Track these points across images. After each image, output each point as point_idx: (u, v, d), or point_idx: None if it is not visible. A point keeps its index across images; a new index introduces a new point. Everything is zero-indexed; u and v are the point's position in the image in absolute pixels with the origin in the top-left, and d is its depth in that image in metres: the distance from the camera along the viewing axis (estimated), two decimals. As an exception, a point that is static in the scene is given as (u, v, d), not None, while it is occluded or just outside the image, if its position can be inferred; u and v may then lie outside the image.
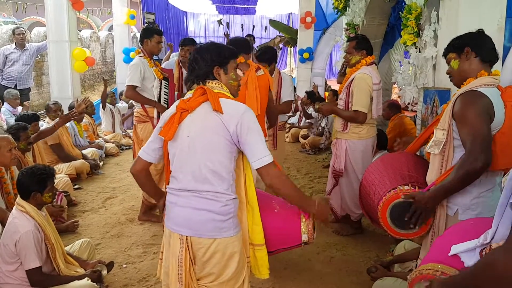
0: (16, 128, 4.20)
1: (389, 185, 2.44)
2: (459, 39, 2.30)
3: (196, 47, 2.14)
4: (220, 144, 1.92)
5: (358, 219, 4.04)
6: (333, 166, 3.96)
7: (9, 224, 2.76)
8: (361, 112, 3.66)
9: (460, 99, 2.15)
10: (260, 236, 2.07)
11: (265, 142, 2.02)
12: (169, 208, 2.04)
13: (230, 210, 1.95)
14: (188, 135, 1.95)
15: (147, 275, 3.31)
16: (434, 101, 3.47)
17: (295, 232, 2.10)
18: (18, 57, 7.24)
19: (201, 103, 1.96)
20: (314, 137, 7.66)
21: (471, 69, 2.23)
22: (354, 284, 3.22)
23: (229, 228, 1.95)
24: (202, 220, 1.93)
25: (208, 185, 1.93)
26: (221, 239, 1.93)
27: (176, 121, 1.96)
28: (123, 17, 10.22)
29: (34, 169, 2.88)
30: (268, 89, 3.57)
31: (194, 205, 1.94)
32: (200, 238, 1.94)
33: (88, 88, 11.94)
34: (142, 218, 4.36)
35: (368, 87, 3.66)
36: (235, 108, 1.95)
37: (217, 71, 2.04)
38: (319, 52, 10.78)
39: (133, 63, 4.16)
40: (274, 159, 1.98)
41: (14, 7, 12.50)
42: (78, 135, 6.36)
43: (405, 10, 3.86)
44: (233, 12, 17.49)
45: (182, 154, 1.97)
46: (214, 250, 1.94)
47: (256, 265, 2.11)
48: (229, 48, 2.11)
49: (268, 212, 2.12)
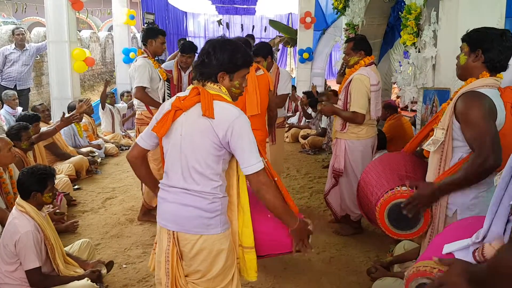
0: (18, 128, 4.22)
1: (387, 186, 2.43)
2: (479, 33, 2.20)
3: (214, 39, 2.01)
4: (208, 147, 1.91)
5: (358, 219, 4.04)
6: (333, 166, 3.97)
7: (9, 224, 2.75)
8: (359, 113, 3.66)
9: (462, 100, 2.13)
10: (250, 239, 2.06)
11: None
12: (159, 204, 2.07)
13: (218, 207, 1.96)
14: (181, 134, 1.95)
15: (147, 275, 3.30)
16: (434, 101, 3.48)
17: (286, 239, 2.08)
18: (18, 58, 7.24)
19: (196, 103, 1.94)
20: (314, 137, 7.67)
21: (475, 69, 2.20)
22: (354, 284, 3.22)
23: (216, 225, 1.95)
24: (188, 216, 1.94)
25: (195, 185, 1.94)
26: (207, 235, 1.94)
27: (169, 118, 1.95)
28: (122, 17, 10.21)
29: (34, 169, 2.89)
30: (268, 89, 3.57)
31: (181, 201, 1.96)
32: (186, 234, 1.95)
33: (88, 88, 11.93)
34: (141, 219, 4.36)
35: (366, 88, 3.66)
36: (228, 113, 1.90)
37: (222, 75, 1.98)
38: (318, 52, 10.79)
39: (140, 64, 4.11)
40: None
41: (14, 8, 12.51)
42: (78, 135, 6.35)
43: (404, 10, 3.86)
44: (232, 13, 17.49)
45: (173, 152, 1.98)
46: (201, 247, 1.94)
47: (244, 267, 2.11)
48: (244, 57, 1.99)
49: (261, 216, 2.10)
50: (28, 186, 2.79)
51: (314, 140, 7.58)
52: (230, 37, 2.25)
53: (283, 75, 4.32)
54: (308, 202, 5.00)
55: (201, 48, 2.08)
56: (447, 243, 1.60)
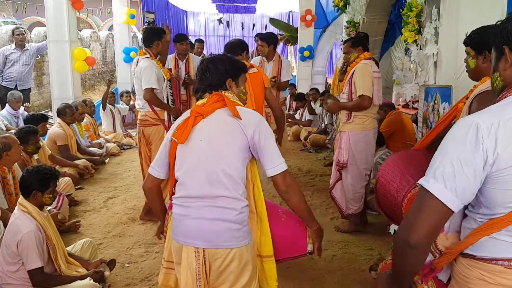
0: (27, 132, 4.22)
1: (413, 181, 2.42)
2: (479, 34, 2.21)
3: (209, 57, 2.18)
4: (236, 148, 1.92)
5: (359, 212, 4.03)
6: (337, 158, 3.99)
7: (11, 225, 2.76)
8: (365, 96, 3.70)
9: (477, 100, 2.11)
10: (269, 247, 2.06)
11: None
12: (177, 221, 1.98)
13: (245, 218, 1.94)
14: (202, 139, 1.94)
15: (149, 275, 3.31)
16: (435, 98, 3.47)
17: (301, 241, 2.10)
18: (18, 58, 7.23)
19: (216, 109, 1.96)
20: (315, 135, 7.67)
21: (487, 69, 2.19)
22: (356, 282, 3.22)
23: (244, 236, 1.93)
24: (217, 230, 1.89)
25: (224, 190, 1.90)
26: (237, 248, 1.91)
27: (190, 124, 1.95)
28: (123, 16, 10.19)
29: (39, 168, 2.90)
30: (262, 87, 3.63)
31: (207, 216, 1.90)
32: (217, 249, 1.90)
33: (89, 88, 11.93)
34: (144, 218, 4.36)
35: (370, 74, 3.72)
36: (252, 115, 1.98)
37: (230, 83, 2.07)
38: (319, 50, 10.77)
39: (146, 65, 4.09)
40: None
41: (14, 7, 12.50)
42: (79, 135, 6.36)
43: (405, 7, 3.86)
44: (233, 11, 17.46)
45: (194, 159, 1.94)
46: (231, 259, 1.91)
47: (264, 277, 2.09)
48: (240, 62, 2.17)
49: (275, 221, 2.11)
50: (30, 184, 2.80)
51: (316, 138, 7.58)
52: (230, 36, 2.33)
53: (284, 63, 5.26)
54: (310, 200, 5.00)
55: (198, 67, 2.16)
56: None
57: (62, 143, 5.62)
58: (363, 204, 4.04)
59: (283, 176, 1.95)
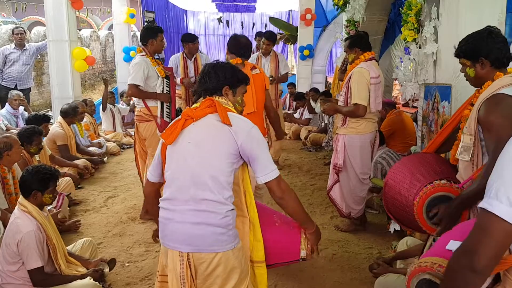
0: (31, 132, 4.22)
1: (424, 180, 2.42)
2: (469, 44, 2.23)
3: (211, 63, 2.17)
4: (224, 152, 1.91)
5: (359, 215, 4.04)
6: (334, 161, 3.99)
7: (11, 224, 2.76)
8: (360, 105, 3.68)
9: (484, 105, 2.11)
10: (261, 253, 2.07)
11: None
12: (163, 225, 1.99)
13: (229, 222, 1.92)
14: (190, 140, 1.94)
15: (150, 274, 3.31)
16: (435, 97, 3.47)
17: (295, 247, 2.09)
18: (18, 57, 7.22)
19: (207, 114, 1.97)
20: (315, 134, 7.67)
21: (487, 74, 2.20)
22: (356, 280, 3.23)
23: (230, 241, 1.92)
24: (202, 234, 1.89)
25: (208, 192, 1.89)
26: (223, 252, 1.90)
27: (179, 126, 1.96)
28: (122, 16, 10.18)
29: (39, 168, 2.90)
30: (264, 88, 3.63)
31: (192, 220, 1.90)
32: (201, 253, 1.90)
33: (89, 87, 11.93)
34: (144, 217, 4.36)
35: (366, 81, 3.69)
36: (244, 123, 1.98)
37: (226, 90, 2.07)
38: (319, 49, 10.74)
39: (136, 62, 4.15)
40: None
41: (14, 7, 12.50)
42: (79, 135, 6.36)
43: (405, 6, 3.85)
44: (233, 10, 17.43)
45: (180, 160, 1.95)
46: (217, 264, 1.90)
47: (254, 283, 2.08)
48: (243, 73, 2.17)
49: (269, 225, 2.10)
50: (30, 184, 2.80)
51: (316, 137, 7.58)
52: (230, 35, 2.33)
53: (281, 57, 6.05)
54: (310, 199, 5.00)
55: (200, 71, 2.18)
56: (454, 239, 1.61)
57: (62, 143, 5.62)
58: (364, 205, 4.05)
59: (277, 182, 1.96)
